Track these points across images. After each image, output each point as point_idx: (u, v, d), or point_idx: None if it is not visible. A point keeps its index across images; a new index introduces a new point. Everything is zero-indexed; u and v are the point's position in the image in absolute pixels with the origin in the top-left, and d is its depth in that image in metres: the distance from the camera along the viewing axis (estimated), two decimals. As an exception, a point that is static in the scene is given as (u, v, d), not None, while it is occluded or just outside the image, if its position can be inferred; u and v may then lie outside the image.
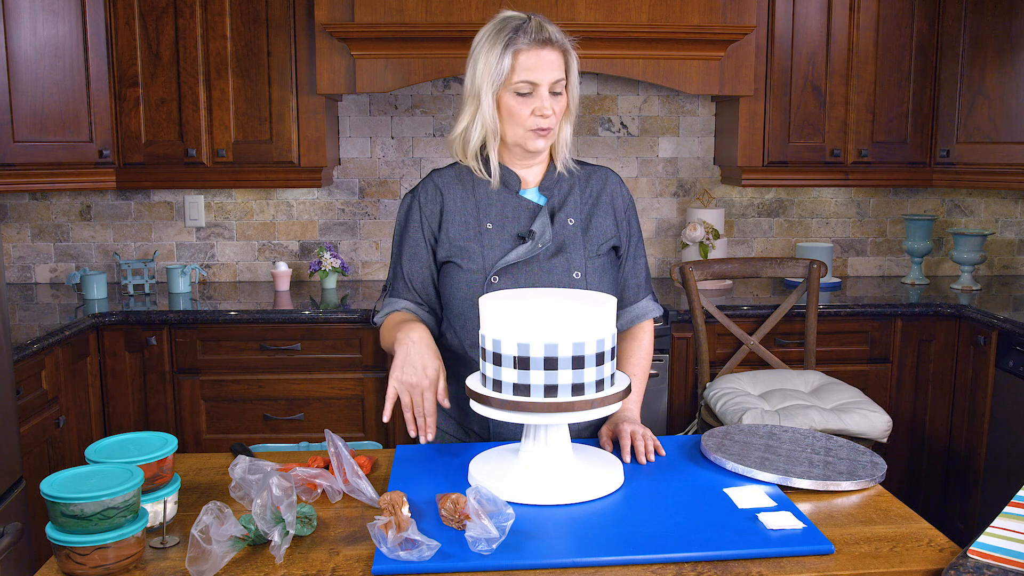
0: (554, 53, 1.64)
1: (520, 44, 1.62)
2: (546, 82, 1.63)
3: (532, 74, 1.62)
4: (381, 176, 3.60)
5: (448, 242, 1.72)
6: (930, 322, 3.19)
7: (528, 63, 1.62)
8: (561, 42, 1.66)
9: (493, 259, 1.68)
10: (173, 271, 3.31)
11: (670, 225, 3.71)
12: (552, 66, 1.63)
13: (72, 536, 1.17)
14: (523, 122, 1.65)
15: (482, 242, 1.69)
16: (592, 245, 1.72)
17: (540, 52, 1.62)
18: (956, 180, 3.38)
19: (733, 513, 1.35)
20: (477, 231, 1.70)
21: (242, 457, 1.41)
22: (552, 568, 1.20)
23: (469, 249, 1.69)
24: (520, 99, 1.64)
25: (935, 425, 3.23)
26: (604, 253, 1.73)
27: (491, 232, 1.70)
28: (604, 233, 1.74)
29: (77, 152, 3.12)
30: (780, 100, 3.31)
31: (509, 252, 1.68)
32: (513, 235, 1.70)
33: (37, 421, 2.55)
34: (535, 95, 1.63)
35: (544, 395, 1.36)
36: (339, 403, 3.07)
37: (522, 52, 1.62)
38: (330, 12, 3.05)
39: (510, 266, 1.67)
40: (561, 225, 1.71)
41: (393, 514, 1.24)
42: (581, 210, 1.74)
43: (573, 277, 1.68)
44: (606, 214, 1.75)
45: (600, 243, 1.73)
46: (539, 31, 1.63)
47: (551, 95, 1.64)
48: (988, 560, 1.17)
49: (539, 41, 1.62)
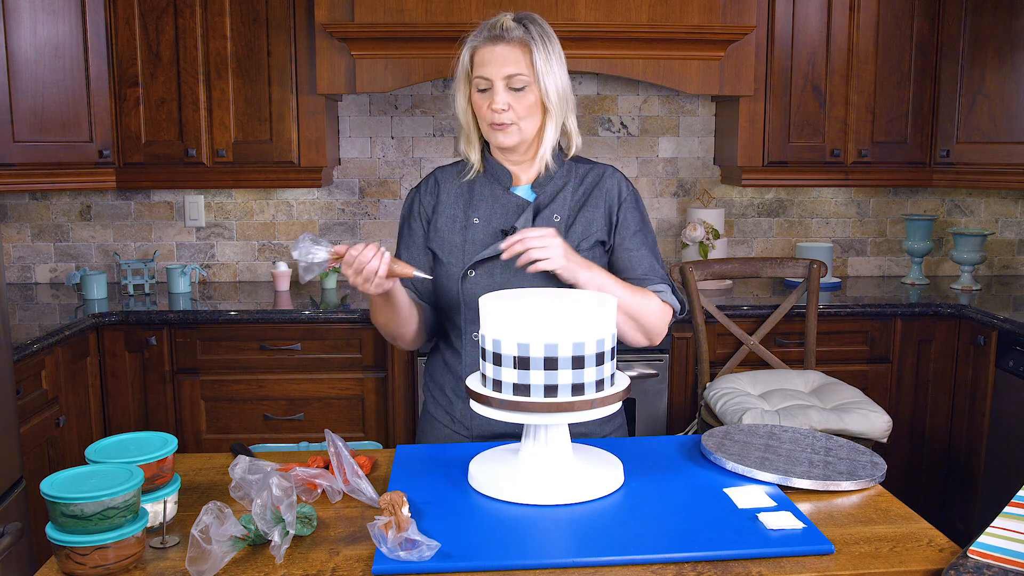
0: (510, 48, 1.65)
1: (476, 42, 1.69)
2: (498, 77, 1.65)
3: (484, 69, 1.67)
4: (381, 176, 3.60)
5: (436, 233, 1.77)
6: (930, 322, 3.19)
7: (481, 59, 1.68)
8: (522, 36, 1.66)
9: (473, 253, 1.71)
10: (173, 271, 3.31)
11: (670, 225, 3.71)
12: (505, 61, 1.65)
13: (72, 536, 1.17)
14: (484, 117, 1.70)
15: (465, 236, 1.73)
16: (573, 239, 1.71)
17: (493, 48, 1.66)
18: (956, 180, 3.38)
19: (733, 513, 1.35)
20: (463, 225, 1.74)
21: (242, 457, 1.41)
22: (552, 568, 1.20)
23: (452, 242, 1.74)
24: (479, 95, 1.69)
25: (935, 425, 3.23)
26: (587, 248, 1.72)
27: (477, 227, 1.73)
28: (588, 228, 1.73)
29: (77, 152, 3.12)
30: (780, 100, 3.32)
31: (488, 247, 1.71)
32: (497, 230, 1.72)
33: (37, 421, 2.55)
34: (489, 89, 1.68)
35: (544, 395, 1.36)
36: (339, 403, 3.07)
37: (477, 50, 1.69)
38: (330, 12, 3.05)
39: (487, 260, 1.70)
40: (545, 221, 1.72)
41: (393, 514, 1.24)
42: (569, 206, 1.74)
43: (550, 272, 1.64)
44: (595, 209, 1.74)
45: (582, 238, 1.72)
46: (494, 28, 1.67)
47: (511, 91, 1.66)
48: (988, 560, 1.17)
49: (492, 37, 1.67)
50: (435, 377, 1.84)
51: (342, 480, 1.43)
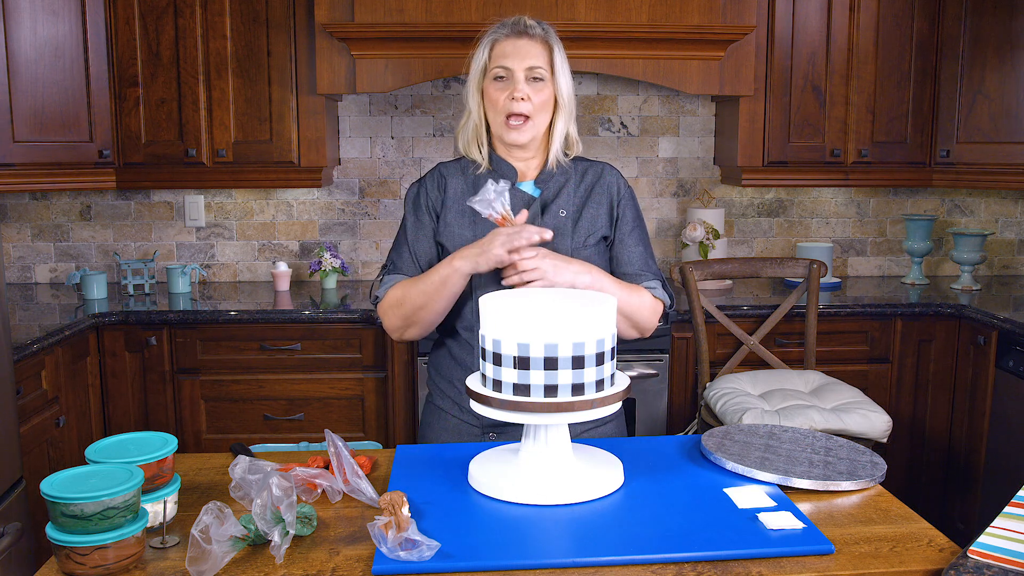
0: (533, 43, 1.73)
1: (497, 35, 1.74)
2: (520, 68, 1.71)
3: (506, 60, 1.71)
4: (381, 176, 3.60)
5: (446, 227, 1.80)
6: (930, 322, 3.19)
7: (504, 50, 1.72)
8: (543, 35, 1.75)
9: None
10: (173, 271, 3.31)
11: (670, 225, 3.71)
12: (528, 54, 1.72)
13: (72, 536, 1.17)
14: (499, 107, 1.73)
15: (475, 230, 1.77)
16: (580, 235, 1.78)
17: (516, 41, 1.73)
18: (956, 180, 3.38)
19: (733, 513, 1.35)
20: (472, 220, 1.78)
21: (242, 457, 1.41)
22: (552, 568, 1.20)
23: (463, 236, 1.77)
24: (497, 84, 1.73)
25: (935, 425, 3.23)
26: (593, 243, 1.79)
27: (485, 221, 1.76)
28: (593, 224, 1.80)
29: (77, 152, 3.12)
30: (780, 100, 3.32)
31: None
32: None
33: (37, 421, 2.55)
34: (510, 80, 1.72)
35: (544, 395, 1.36)
36: (339, 403, 3.07)
37: (498, 42, 1.74)
38: (330, 12, 3.05)
39: None
40: (552, 216, 1.77)
41: (393, 514, 1.24)
42: (573, 202, 1.80)
43: None
44: (598, 206, 1.81)
45: (589, 233, 1.79)
46: (517, 25, 1.74)
47: (531, 81, 1.72)
48: (988, 560, 1.17)
49: (516, 32, 1.74)
50: (441, 371, 1.85)
51: (342, 480, 1.43)
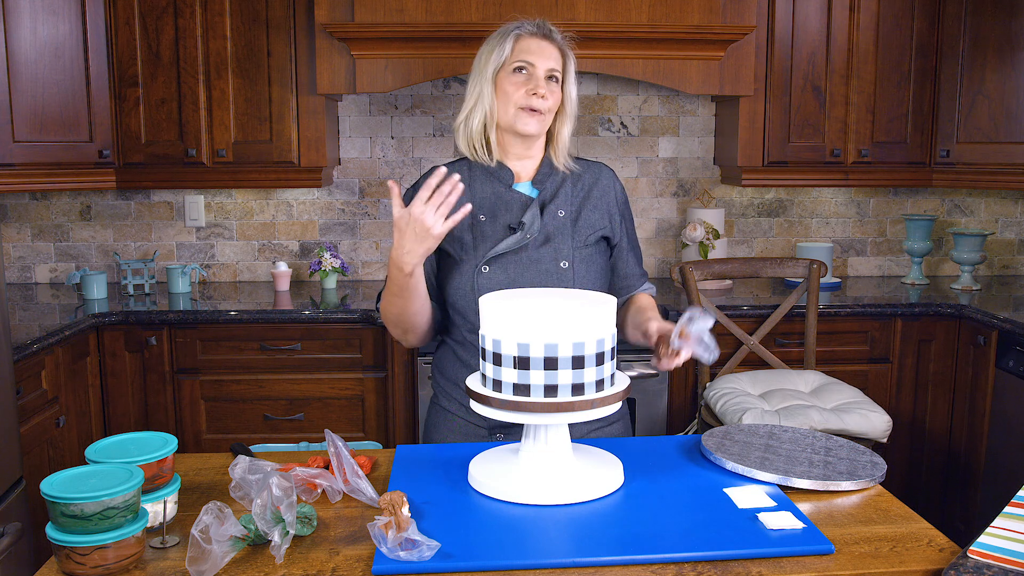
0: (553, 47, 1.78)
1: (522, 32, 1.78)
2: (542, 66, 1.76)
3: (531, 56, 1.75)
4: (381, 176, 3.60)
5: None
6: (930, 322, 3.19)
7: (527, 47, 1.76)
8: (561, 43, 1.80)
9: (485, 249, 1.75)
10: (173, 271, 3.31)
11: (670, 225, 3.71)
12: (550, 56, 1.77)
13: (72, 536, 1.17)
14: (516, 99, 1.75)
15: (474, 233, 1.77)
16: (580, 236, 1.79)
17: (540, 42, 1.77)
18: (956, 180, 3.38)
19: (733, 513, 1.35)
20: (470, 222, 1.78)
21: (242, 457, 1.41)
22: (552, 568, 1.20)
23: (463, 239, 1.77)
24: (515, 75, 1.76)
25: (935, 425, 3.23)
26: (592, 244, 1.80)
27: (483, 223, 1.77)
28: (593, 224, 1.81)
29: (77, 152, 3.12)
30: (780, 100, 3.32)
31: (500, 243, 1.74)
32: (504, 226, 1.77)
33: (37, 421, 2.55)
34: (530, 75, 1.75)
35: (544, 395, 1.36)
36: (339, 403, 3.07)
37: (522, 38, 1.77)
38: (330, 12, 3.05)
39: (500, 256, 1.74)
40: (551, 216, 1.78)
41: (393, 514, 1.24)
42: (571, 203, 1.81)
43: (560, 266, 1.75)
44: (596, 207, 1.82)
45: (588, 234, 1.80)
46: (542, 27, 1.79)
47: (548, 79, 1.77)
48: (988, 560, 1.17)
49: (540, 34, 1.78)
50: (445, 372, 1.85)
51: (342, 480, 1.43)
